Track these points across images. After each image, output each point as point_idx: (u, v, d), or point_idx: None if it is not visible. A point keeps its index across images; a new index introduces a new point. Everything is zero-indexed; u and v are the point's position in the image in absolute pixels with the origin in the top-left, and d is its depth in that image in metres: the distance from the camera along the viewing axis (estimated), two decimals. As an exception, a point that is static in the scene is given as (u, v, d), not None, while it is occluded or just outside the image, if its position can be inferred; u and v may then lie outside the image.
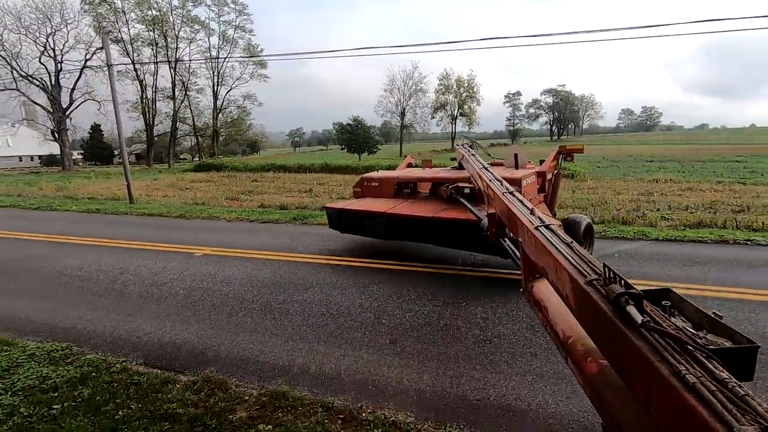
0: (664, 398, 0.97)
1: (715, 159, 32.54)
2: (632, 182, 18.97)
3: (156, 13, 45.09)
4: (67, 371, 3.56)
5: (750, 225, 8.79)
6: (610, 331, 1.22)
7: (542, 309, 2.07)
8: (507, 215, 2.76)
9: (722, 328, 1.25)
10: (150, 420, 2.89)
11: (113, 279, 6.18)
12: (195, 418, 2.89)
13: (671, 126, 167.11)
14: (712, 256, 6.61)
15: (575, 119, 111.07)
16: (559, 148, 7.06)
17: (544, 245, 1.84)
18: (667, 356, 1.01)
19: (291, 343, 4.07)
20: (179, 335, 4.32)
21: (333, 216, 7.03)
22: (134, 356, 3.91)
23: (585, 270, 1.51)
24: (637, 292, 1.21)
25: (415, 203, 6.66)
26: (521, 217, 2.36)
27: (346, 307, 4.91)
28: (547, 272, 1.84)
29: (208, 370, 3.59)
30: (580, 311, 1.48)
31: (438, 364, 3.62)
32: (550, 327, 1.94)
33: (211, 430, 2.79)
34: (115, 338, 4.30)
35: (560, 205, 12.57)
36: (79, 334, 4.40)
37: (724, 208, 11.54)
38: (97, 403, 3.10)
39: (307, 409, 2.99)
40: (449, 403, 3.11)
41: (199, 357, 3.87)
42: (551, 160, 6.84)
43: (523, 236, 2.26)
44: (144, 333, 4.39)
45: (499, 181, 3.73)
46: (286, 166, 31.76)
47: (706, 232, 8.25)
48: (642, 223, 9.51)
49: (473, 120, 70.42)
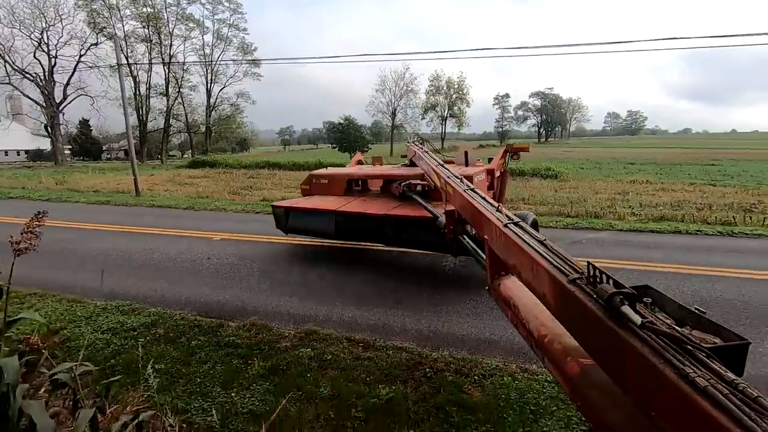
0: (673, 402, 0.94)
1: (693, 162, 34.11)
2: (611, 183, 20.17)
3: (150, 10, 45.55)
4: (138, 319, 4.47)
5: (705, 219, 9.98)
6: (602, 332, 1.19)
7: (512, 307, 2.04)
8: (471, 213, 2.73)
9: (707, 323, 1.25)
10: (217, 346, 3.83)
11: (147, 257, 7.05)
12: (251, 346, 3.85)
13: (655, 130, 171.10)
14: (664, 243, 7.74)
15: (562, 122, 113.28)
16: (506, 146, 7.31)
17: (517, 243, 1.81)
18: (670, 358, 0.98)
19: (313, 302, 5.03)
20: (220, 297, 5.25)
21: (280, 215, 6.78)
22: (188, 310, 4.83)
23: (565, 269, 1.48)
24: (629, 291, 1.19)
25: (366, 201, 6.51)
26: (488, 214, 2.32)
27: (353, 278, 5.88)
28: (519, 270, 1.82)
29: (252, 319, 4.54)
30: (563, 311, 1.45)
31: (432, 315, 4.62)
32: (521, 325, 1.91)
33: (265, 352, 3.75)
34: (166, 299, 5.20)
35: (543, 202, 13.71)
36: (135, 296, 5.29)
37: (690, 206, 12.72)
38: (172, 338, 4.03)
39: (334, 341, 3.97)
40: (441, 337, 4.13)
41: (241, 311, 4.81)
42: (499, 159, 7.09)
43: (491, 234, 2.22)
44: (189, 296, 5.31)
45: (459, 178, 3.68)
46: (280, 163, 32.48)
47: (666, 224, 9.39)
48: (612, 217, 10.64)
49: (463, 121, 71.89)
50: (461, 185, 3.27)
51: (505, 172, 7.40)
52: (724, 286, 5.39)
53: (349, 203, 6.37)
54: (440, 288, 5.41)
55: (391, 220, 5.61)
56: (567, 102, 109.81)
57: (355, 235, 6.33)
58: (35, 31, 39.77)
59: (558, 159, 36.72)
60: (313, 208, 6.43)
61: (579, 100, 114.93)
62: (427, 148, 6.76)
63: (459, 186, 3.24)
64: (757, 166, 29.52)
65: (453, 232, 3.57)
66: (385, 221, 5.66)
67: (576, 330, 1.40)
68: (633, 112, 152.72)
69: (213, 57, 50.85)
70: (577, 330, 1.39)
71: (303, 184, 7.57)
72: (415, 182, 5.98)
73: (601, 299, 1.19)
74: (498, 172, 6.99)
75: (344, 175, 7.26)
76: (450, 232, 3.61)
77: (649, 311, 1.23)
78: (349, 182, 7.17)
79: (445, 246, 4.62)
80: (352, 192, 7.16)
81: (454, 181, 3.54)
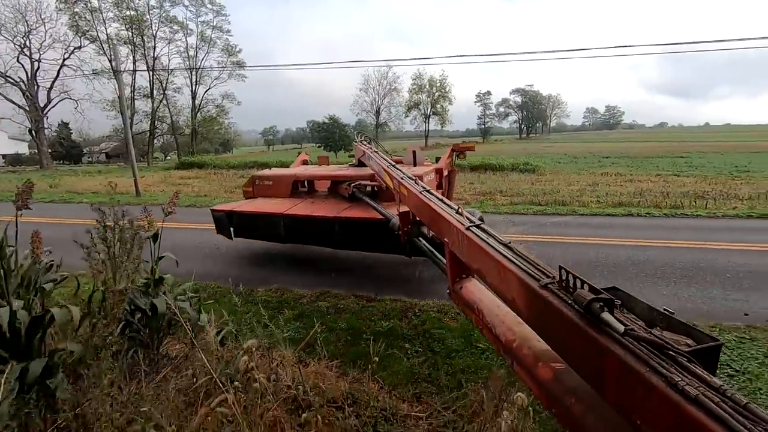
0: (662, 412, 0.93)
1: (664, 155, 35.90)
2: (585, 176, 21.61)
3: (133, 12, 45.79)
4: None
5: (657, 204, 11.38)
6: (579, 339, 1.18)
7: (476, 311, 2.00)
8: (429, 215, 2.67)
9: (677, 324, 1.24)
10: (252, 303, 4.92)
11: (173, 244, 8.04)
12: (279, 301, 4.96)
13: (633, 124, 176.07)
14: (616, 224, 9.11)
15: (543, 118, 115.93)
16: (452, 146, 7.49)
17: (482, 247, 1.79)
18: (656, 366, 0.97)
19: (323, 276, 6.13)
20: (248, 274, 6.31)
21: (222, 219, 6.40)
22: (221, 282, 5.90)
23: (534, 273, 1.47)
24: (608, 296, 1.18)
25: (315, 203, 6.32)
26: (448, 217, 2.27)
27: (352, 258, 6.99)
28: (485, 275, 1.79)
29: (275, 285, 5.63)
30: (535, 317, 1.44)
31: (421, 282, 5.78)
32: (487, 330, 1.89)
33: (291, 305, 4.86)
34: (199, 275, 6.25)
35: (519, 193, 15.01)
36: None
37: (650, 194, 14.14)
38: (215, 297, 5.11)
39: (344, 296, 5.14)
40: (425, 294, 5.28)
41: (265, 282, 5.90)
42: (446, 158, 7.15)
43: (452, 237, 2.18)
44: (216, 275, 6.36)
45: (413, 179, 3.54)
46: (268, 163, 33.38)
47: (622, 209, 10.74)
48: (577, 205, 11.97)
49: (446, 118, 73.39)
50: (416, 187, 3.17)
51: (453, 171, 7.54)
52: (654, 252, 6.70)
53: (296, 206, 6.13)
54: (429, 264, 6.58)
55: (342, 222, 5.42)
56: (547, 98, 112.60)
57: (305, 238, 6.12)
58: (18, 35, 39.83)
59: (537, 154, 38.19)
60: (259, 212, 6.13)
61: (558, 96, 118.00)
62: (375, 148, 6.69)
63: (414, 187, 3.13)
64: (723, 158, 31.27)
65: (408, 233, 3.51)
66: (336, 224, 5.47)
67: (549, 335, 1.39)
68: (611, 107, 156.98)
69: (197, 59, 51.27)
70: (550, 335, 1.38)
71: (245, 186, 7.28)
72: (365, 183, 5.87)
73: (579, 306, 1.18)
74: (446, 171, 7.01)
75: (289, 176, 7.00)
76: (404, 234, 3.57)
77: (623, 315, 1.21)
78: (295, 183, 6.91)
79: (399, 248, 4.54)
80: (299, 194, 6.91)
81: (409, 182, 3.40)
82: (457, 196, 15.29)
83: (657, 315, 1.28)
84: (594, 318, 1.14)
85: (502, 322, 1.79)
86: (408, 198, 3.26)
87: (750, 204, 11.30)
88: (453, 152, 7.42)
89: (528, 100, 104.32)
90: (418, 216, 3.11)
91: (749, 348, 3.89)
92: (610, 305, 1.16)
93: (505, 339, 1.71)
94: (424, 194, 2.88)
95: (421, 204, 2.80)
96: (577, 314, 1.20)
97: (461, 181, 20.20)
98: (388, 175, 4.20)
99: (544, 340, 1.46)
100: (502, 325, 1.77)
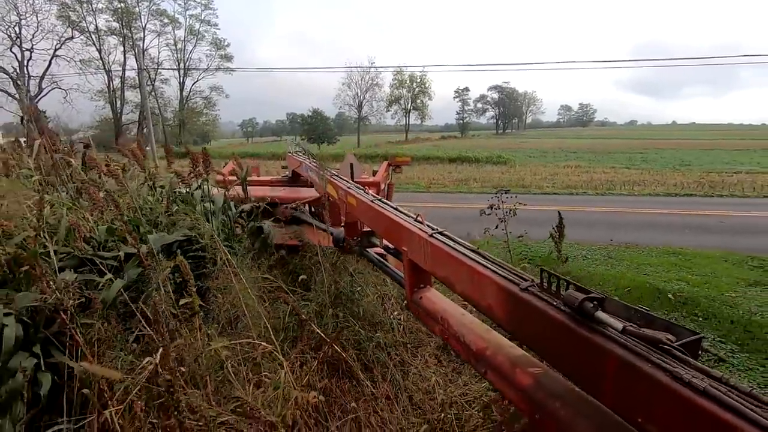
0: (671, 407, 0.91)
1: (625, 151, 38.85)
2: (550, 168, 24.65)
3: (122, 4, 46.71)
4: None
5: (596, 188, 14.33)
6: (570, 341, 1.15)
7: (441, 321, 1.92)
8: (384, 224, 2.54)
9: (655, 320, 1.21)
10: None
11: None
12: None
13: (605, 122, 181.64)
14: (559, 200, 11.94)
15: (519, 114, 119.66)
16: (389, 159, 7.56)
17: (450, 253, 1.74)
18: (658, 361, 0.95)
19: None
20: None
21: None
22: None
23: (511, 277, 1.43)
24: (599, 295, 1.16)
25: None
26: (408, 225, 2.18)
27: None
28: (453, 282, 1.75)
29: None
30: (517, 322, 1.39)
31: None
32: (454, 340, 1.81)
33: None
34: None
35: (489, 181, 17.80)
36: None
37: (598, 182, 17.11)
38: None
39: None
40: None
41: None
42: (383, 171, 7.06)
43: (412, 245, 2.10)
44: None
45: (361, 189, 3.39)
46: (260, 154, 35.46)
47: (566, 191, 13.65)
48: (535, 188, 14.84)
49: (425, 114, 75.86)
50: (367, 196, 3.05)
51: (391, 185, 7.63)
52: (578, 215, 9.51)
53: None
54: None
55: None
56: (523, 95, 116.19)
57: None
58: (11, 26, 40.49)
59: (511, 149, 40.98)
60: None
61: (534, 94, 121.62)
62: (311, 158, 6.63)
63: (365, 197, 3.02)
64: (676, 154, 34.62)
65: (356, 245, 3.41)
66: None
67: (534, 340, 1.35)
68: (584, 104, 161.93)
69: (186, 52, 52.44)
70: (535, 340, 1.35)
71: None
72: (304, 202, 5.62)
73: (570, 306, 1.15)
74: (383, 185, 6.94)
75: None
76: (348, 246, 3.50)
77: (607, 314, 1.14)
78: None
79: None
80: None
81: (357, 192, 3.27)
82: (437, 183, 17.94)
83: (634, 313, 1.20)
84: (587, 318, 1.11)
85: (471, 331, 1.72)
86: (357, 208, 3.06)
87: (668, 189, 14.33)
88: (390, 166, 7.30)
89: (504, 96, 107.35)
90: (369, 226, 2.99)
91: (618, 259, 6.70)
92: (602, 303, 1.14)
93: (476, 347, 1.64)
94: (376, 203, 2.73)
95: (375, 213, 2.65)
96: (566, 316, 1.17)
97: (441, 170, 22.95)
98: (332, 186, 3.92)
99: (527, 345, 1.43)
100: (472, 334, 1.70)
